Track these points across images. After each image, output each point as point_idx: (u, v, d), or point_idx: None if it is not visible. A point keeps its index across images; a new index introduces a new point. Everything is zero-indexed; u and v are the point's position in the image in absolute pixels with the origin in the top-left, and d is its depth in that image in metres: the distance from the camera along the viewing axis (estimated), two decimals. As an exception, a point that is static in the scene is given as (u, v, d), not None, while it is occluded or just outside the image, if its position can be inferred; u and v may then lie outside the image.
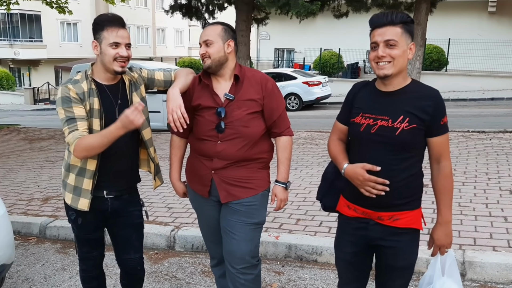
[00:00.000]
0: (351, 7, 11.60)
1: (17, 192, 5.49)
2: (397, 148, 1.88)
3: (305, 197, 4.74)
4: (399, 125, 1.87)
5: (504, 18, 20.47)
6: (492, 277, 3.12)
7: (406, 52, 1.87)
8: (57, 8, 11.60)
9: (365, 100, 1.97)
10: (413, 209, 1.96)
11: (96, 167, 2.27)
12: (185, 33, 43.76)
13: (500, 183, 4.86)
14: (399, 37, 1.84)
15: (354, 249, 2.07)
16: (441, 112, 1.88)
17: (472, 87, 18.08)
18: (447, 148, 1.95)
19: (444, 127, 1.91)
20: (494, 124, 8.79)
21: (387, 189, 1.88)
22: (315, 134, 8.56)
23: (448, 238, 2.01)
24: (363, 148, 1.96)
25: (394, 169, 1.89)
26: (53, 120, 15.62)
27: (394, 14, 1.88)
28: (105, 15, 2.29)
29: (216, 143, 2.29)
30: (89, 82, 2.26)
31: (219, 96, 2.30)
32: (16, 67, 31.93)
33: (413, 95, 1.88)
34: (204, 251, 3.79)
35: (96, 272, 2.58)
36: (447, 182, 1.96)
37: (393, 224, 1.95)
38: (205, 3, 12.90)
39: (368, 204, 1.96)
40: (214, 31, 2.30)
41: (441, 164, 1.95)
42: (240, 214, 2.31)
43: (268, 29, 23.62)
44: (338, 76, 21.69)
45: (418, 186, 1.99)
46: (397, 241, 1.96)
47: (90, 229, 2.43)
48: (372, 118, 1.92)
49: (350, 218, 2.06)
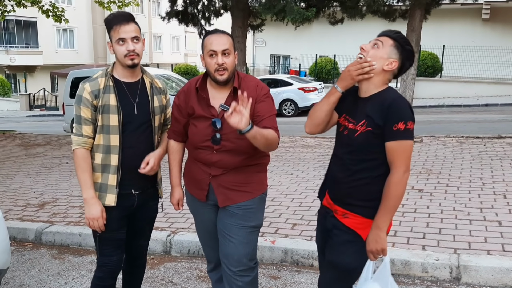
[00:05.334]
0: (346, 13, 11.66)
1: (13, 197, 5.47)
2: (355, 149, 1.99)
3: (301, 202, 4.75)
4: (358, 128, 1.97)
5: (498, 25, 20.65)
6: (487, 281, 3.14)
7: (384, 61, 1.96)
8: (54, 17, 11.54)
9: (348, 103, 2.08)
10: (365, 216, 1.98)
11: (118, 162, 2.34)
12: (181, 40, 43.83)
13: (494, 187, 4.90)
14: (386, 45, 1.98)
15: (320, 235, 2.24)
16: (393, 118, 1.87)
17: (467, 93, 18.19)
18: (399, 156, 1.88)
19: (398, 133, 1.86)
20: (488, 130, 8.86)
21: (374, 67, 1.94)
22: (311, 139, 8.59)
23: (377, 244, 1.93)
24: (337, 144, 2.13)
25: (351, 169, 2.01)
26: (49, 126, 15.59)
27: (396, 32, 2.04)
28: (112, 14, 2.35)
29: (212, 153, 2.29)
30: (108, 79, 2.34)
31: (215, 108, 2.27)
32: (12, 73, 31.85)
33: (376, 101, 1.96)
34: (201, 256, 3.79)
35: (110, 283, 2.53)
36: (389, 189, 1.89)
37: (342, 220, 2.04)
38: (201, 10, 12.93)
39: (332, 197, 2.09)
40: (229, 41, 2.21)
41: (391, 170, 1.91)
42: (237, 217, 2.32)
43: (264, 36, 23.70)
44: (333, 83, 21.64)
45: (377, 192, 1.94)
46: (337, 235, 2.04)
47: (115, 226, 2.42)
48: (347, 120, 2.06)
49: (322, 206, 2.22)
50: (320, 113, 2.09)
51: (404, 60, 2.00)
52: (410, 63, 2.02)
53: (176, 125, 2.42)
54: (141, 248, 2.66)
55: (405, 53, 1.99)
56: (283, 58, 26.51)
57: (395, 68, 1.99)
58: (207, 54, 2.21)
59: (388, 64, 1.96)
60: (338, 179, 2.06)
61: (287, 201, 4.78)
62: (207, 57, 2.22)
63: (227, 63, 2.19)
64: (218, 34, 2.23)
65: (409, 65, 2.02)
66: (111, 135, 2.33)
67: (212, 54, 2.19)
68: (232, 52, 2.23)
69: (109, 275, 2.50)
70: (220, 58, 2.18)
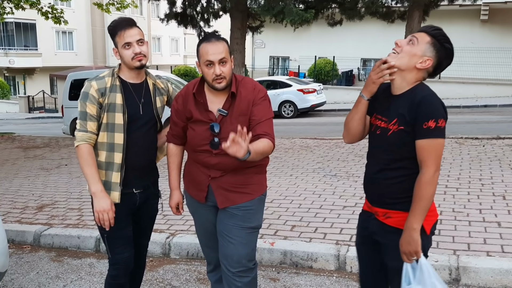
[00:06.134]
0: (345, 15, 11.70)
1: (12, 200, 5.46)
2: (389, 148, 1.96)
3: (300, 203, 4.75)
4: (391, 127, 1.94)
5: (496, 26, 20.69)
6: (486, 282, 3.14)
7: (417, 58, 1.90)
8: (53, 18, 11.54)
9: (380, 101, 2.05)
10: (406, 210, 1.94)
11: (122, 160, 2.39)
12: (181, 42, 43.85)
13: (493, 188, 4.90)
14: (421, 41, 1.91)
15: (360, 239, 2.20)
16: (423, 116, 1.84)
17: (466, 94, 18.23)
18: (430, 155, 1.86)
19: (428, 131, 1.84)
20: (487, 131, 8.87)
21: (394, 70, 1.91)
22: (310, 141, 8.59)
23: (410, 245, 1.89)
24: (370, 144, 2.10)
25: (386, 168, 1.98)
26: (48, 129, 15.59)
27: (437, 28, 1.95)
28: (114, 21, 2.41)
29: (211, 156, 2.29)
30: (114, 78, 2.41)
31: (213, 113, 2.28)
32: (11, 75, 31.85)
33: (408, 99, 1.91)
34: (200, 258, 3.79)
35: (123, 280, 2.56)
36: (420, 189, 1.86)
37: (385, 221, 2.01)
38: (200, 12, 12.96)
39: (370, 199, 2.09)
40: (226, 49, 2.19)
41: (421, 170, 1.88)
42: (237, 219, 2.32)
43: (263, 37, 23.74)
44: (332, 84, 21.80)
45: (413, 188, 1.93)
46: (388, 238, 2.00)
47: (122, 225, 2.45)
48: (378, 119, 2.03)
49: (363, 211, 2.19)
50: (353, 123, 2.08)
51: (441, 59, 1.91)
52: (448, 62, 1.93)
53: (175, 128, 2.43)
54: (141, 248, 2.70)
55: (443, 51, 1.90)
56: (282, 60, 26.54)
57: (429, 66, 1.91)
58: (204, 63, 2.19)
59: (421, 62, 1.89)
60: (374, 179, 2.03)
61: (286, 203, 4.78)
62: (204, 67, 2.20)
63: (224, 72, 2.18)
64: (213, 42, 2.18)
65: (447, 64, 1.93)
66: (115, 133, 2.38)
67: (209, 64, 2.18)
68: (229, 59, 2.21)
69: (123, 272, 2.53)
70: (217, 68, 2.16)
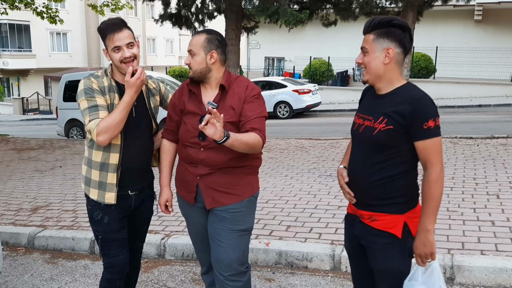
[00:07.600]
0: (340, 15, 11.73)
1: (5, 202, 5.43)
2: (374, 147, 1.93)
3: (295, 204, 4.75)
4: (377, 126, 1.91)
5: (490, 26, 20.82)
6: (480, 281, 3.15)
7: (379, 58, 1.88)
8: (48, 18, 11.52)
9: (365, 101, 2.06)
10: (392, 212, 1.92)
11: (118, 161, 2.35)
12: (176, 42, 43.81)
13: (487, 188, 4.92)
14: (369, 44, 1.89)
15: (348, 243, 2.19)
16: (422, 116, 1.83)
17: (460, 94, 18.31)
18: (434, 154, 1.86)
19: (429, 131, 1.84)
20: (481, 130, 8.91)
21: (354, 201, 2.02)
22: (305, 141, 8.60)
23: (425, 247, 1.87)
24: (354, 145, 2.08)
25: (370, 169, 1.95)
26: (42, 130, 15.52)
27: (370, 21, 1.91)
28: (104, 23, 2.36)
29: (199, 150, 2.29)
30: (110, 79, 2.37)
31: (204, 104, 2.30)
32: (5, 77, 31.71)
33: (396, 98, 1.90)
34: (195, 259, 3.78)
35: (118, 284, 2.52)
36: (429, 189, 1.86)
37: (371, 224, 1.97)
38: (194, 12, 12.95)
39: (355, 202, 2.06)
40: (198, 42, 2.29)
41: (427, 170, 1.87)
42: (226, 221, 2.30)
43: (258, 38, 23.76)
44: (327, 84, 21.84)
45: (399, 190, 1.92)
46: (373, 242, 1.97)
47: (117, 227, 2.43)
48: (362, 118, 2.01)
49: (348, 214, 2.17)
50: None
51: (397, 36, 1.86)
52: (406, 35, 1.88)
53: (170, 123, 2.46)
54: (136, 250, 2.68)
55: (392, 31, 1.86)
56: (278, 60, 26.56)
57: (394, 53, 1.87)
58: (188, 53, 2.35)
59: (385, 56, 1.87)
60: (357, 180, 2.00)
61: (282, 203, 4.78)
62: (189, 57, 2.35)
63: (191, 63, 2.30)
64: (193, 35, 2.35)
65: (408, 36, 1.87)
66: None
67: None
68: (198, 54, 2.28)
69: (118, 276, 2.50)
70: (188, 58, 2.32)
